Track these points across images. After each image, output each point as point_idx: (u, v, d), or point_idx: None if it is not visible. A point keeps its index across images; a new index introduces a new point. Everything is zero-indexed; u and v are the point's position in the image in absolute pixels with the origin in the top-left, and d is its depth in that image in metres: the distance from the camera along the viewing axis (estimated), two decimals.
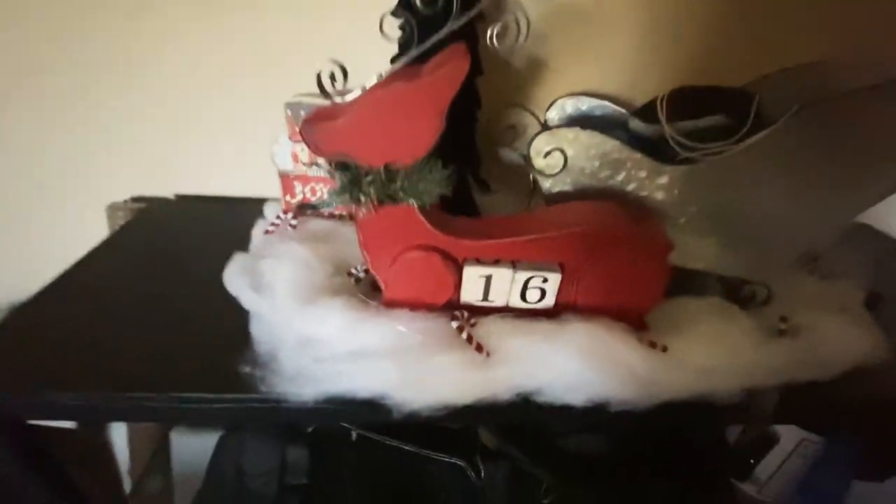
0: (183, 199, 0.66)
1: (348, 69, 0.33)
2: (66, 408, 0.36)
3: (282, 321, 0.39)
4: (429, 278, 0.38)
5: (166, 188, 0.66)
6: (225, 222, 0.59)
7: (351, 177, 0.33)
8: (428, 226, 0.36)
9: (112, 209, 0.63)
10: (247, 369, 0.36)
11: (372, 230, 0.37)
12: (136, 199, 0.66)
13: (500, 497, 0.53)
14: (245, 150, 0.63)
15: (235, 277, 0.44)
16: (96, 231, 0.63)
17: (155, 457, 0.72)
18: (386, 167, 0.32)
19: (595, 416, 0.37)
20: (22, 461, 0.40)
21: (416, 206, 0.35)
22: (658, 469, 0.56)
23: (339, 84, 0.32)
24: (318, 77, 0.30)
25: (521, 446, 0.54)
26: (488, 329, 0.39)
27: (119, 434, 0.76)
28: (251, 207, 0.58)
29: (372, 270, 0.39)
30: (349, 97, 0.32)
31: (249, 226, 0.54)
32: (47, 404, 0.36)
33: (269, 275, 0.43)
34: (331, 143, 0.31)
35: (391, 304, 0.39)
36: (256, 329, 0.40)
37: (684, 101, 0.44)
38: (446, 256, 0.38)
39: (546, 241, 0.38)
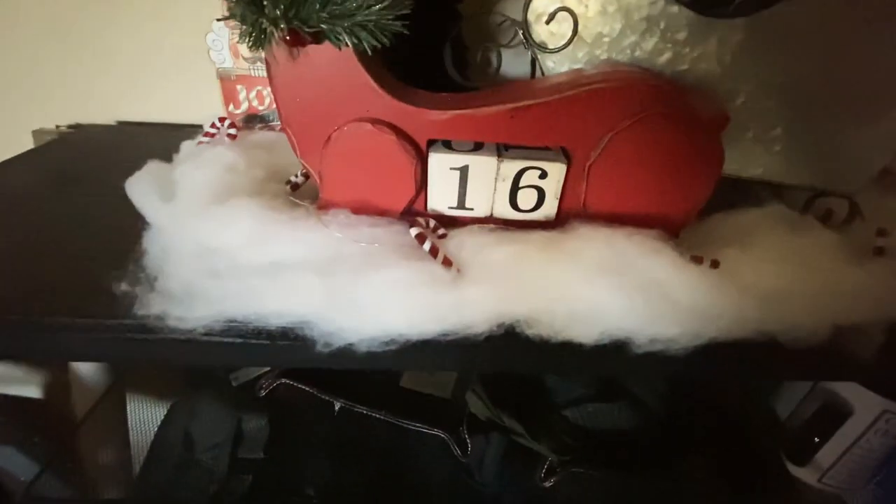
0: (124, 125, 0.56)
1: None
2: None
3: (181, 228, 0.28)
4: (379, 168, 0.27)
5: (109, 115, 0.57)
6: (164, 145, 0.49)
7: None
8: (372, 83, 0.25)
9: (39, 134, 0.54)
10: (123, 287, 0.26)
11: (293, 94, 0.26)
12: (72, 126, 0.56)
13: (490, 476, 0.43)
14: (194, 69, 0.53)
15: (141, 185, 0.34)
16: None
17: (102, 422, 0.64)
18: None
19: (611, 360, 0.25)
20: None
21: (351, 47, 0.24)
22: (689, 447, 0.45)
23: None
24: None
25: (518, 417, 0.44)
26: (461, 240, 0.28)
27: None
28: (199, 132, 0.48)
29: (301, 159, 0.28)
30: None
31: None
32: None
33: (181, 180, 0.33)
34: None
35: (329, 206, 0.29)
36: (152, 242, 0.29)
37: None
38: (403, 135, 0.27)
39: (545, 108, 0.26)
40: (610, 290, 0.25)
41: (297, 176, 0.34)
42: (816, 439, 0.41)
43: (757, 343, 0.26)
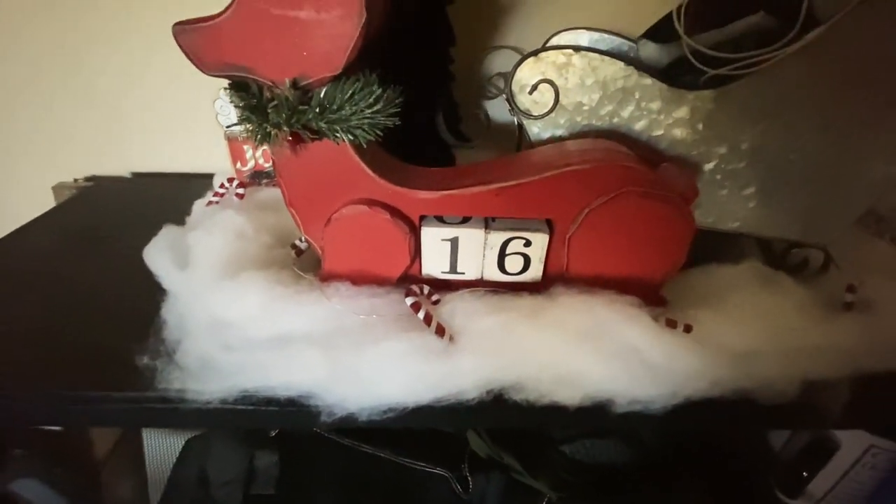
0: (138, 177, 0.59)
1: None
2: None
3: (195, 301, 0.31)
4: (376, 243, 0.30)
5: (123, 167, 0.60)
6: (177, 198, 0.51)
7: (252, 102, 0.24)
8: (367, 171, 0.28)
9: (59, 189, 0.57)
10: (145, 360, 0.29)
11: (296, 180, 0.29)
12: (89, 179, 0.60)
13: None
14: (203, 121, 0.57)
15: (158, 252, 0.37)
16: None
17: (121, 455, 0.66)
18: (294, 84, 0.24)
19: (594, 419, 0.27)
20: None
21: (347, 142, 0.26)
22: (686, 482, 0.47)
23: None
24: None
25: (517, 454, 0.46)
26: (454, 307, 0.30)
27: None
28: (209, 183, 0.51)
29: (305, 236, 0.31)
30: None
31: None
32: None
33: (194, 248, 0.35)
34: (216, 52, 0.23)
35: (331, 278, 0.31)
36: (169, 312, 0.32)
37: (710, 10, 0.34)
38: (396, 214, 0.29)
39: (527, 188, 0.28)
40: (591, 356, 0.27)
41: (301, 241, 0.36)
42: (805, 473, 0.43)
43: (731, 400, 0.28)
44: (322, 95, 0.24)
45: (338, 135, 0.26)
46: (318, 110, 0.24)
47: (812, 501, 0.44)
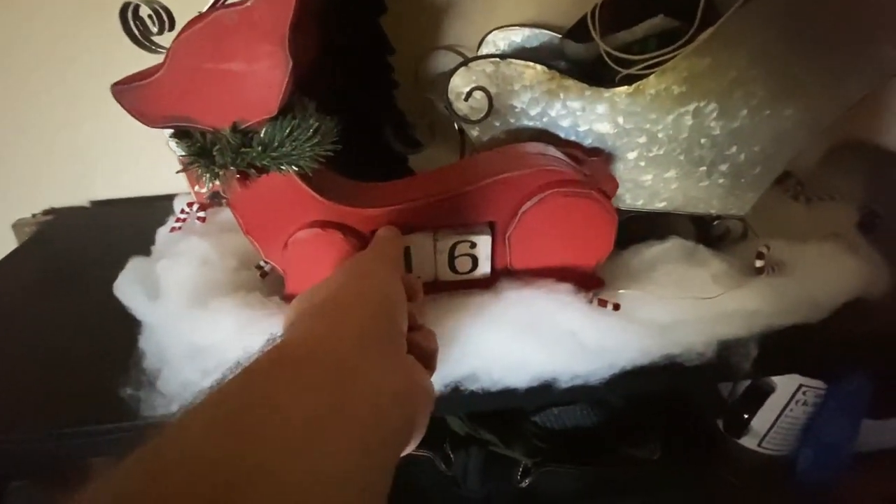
0: (98, 205, 0.60)
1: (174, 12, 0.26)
2: None
3: (171, 330, 0.33)
4: (332, 261, 0.32)
5: (81, 196, 0.60)
6: (139, 225, 0.52)
7: (196, 147, 0.26)
8: (316, 196, 0.30)
9: (19, 226, 0.57)
10: (128, 391, 0.31)
11: (251, 210, 0.31)
12: (47, 212, 0.59)
13: (475, 484, 0.49)
14: (156, 144, 0.57)
15: (129, 285, 0.38)
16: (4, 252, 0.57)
17: None
18: (235, 128, 0.26)
19: (542, 396, 0.31)
20: None
21: (293, 172, 0.28)
22: (648, 435, 0.51)
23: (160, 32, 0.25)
24: (123, 17, 0.23)
25: (492, 428, 0.50)
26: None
27: None
28: (169, 205, 0.52)
29: (267, 260, 0.33)
30: None
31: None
32: None
33: (163, 278, 0.37)
34: (156, 107, 0.25)
35: (294, 298, 0.33)
36: (147, 343, 0.34)
37: (623, 11, 0.37)
38: (349, 231, 0.31)
39: (467, 196, 0.31)
40: (533, 343, 0.30)
41: (266, 262, 0.38)
42: (745, 415, 0.48)
43: (660, 365, 0.32)
44: (263, 135, 0.26)
45: (283, 168, 0.28)
46: (260, 149, 0.26)
47: (757, 438, 0.50)
